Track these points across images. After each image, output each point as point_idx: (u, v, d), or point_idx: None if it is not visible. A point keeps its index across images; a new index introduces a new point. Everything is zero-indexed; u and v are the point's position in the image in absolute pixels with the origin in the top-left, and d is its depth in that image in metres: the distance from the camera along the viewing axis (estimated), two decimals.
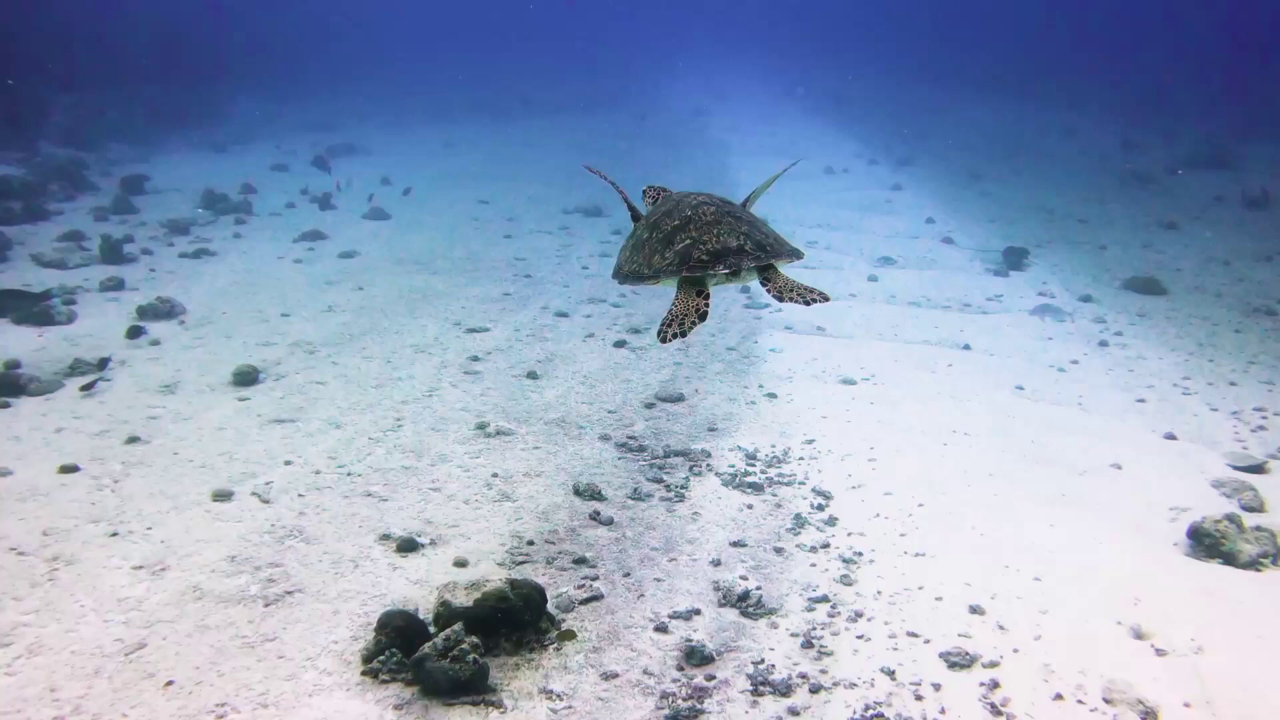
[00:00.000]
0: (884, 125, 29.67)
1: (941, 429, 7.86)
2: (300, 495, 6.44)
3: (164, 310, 10.25)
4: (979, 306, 11.80)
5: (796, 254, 4.22)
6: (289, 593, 5.38)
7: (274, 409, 7.87)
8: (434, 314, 10.64)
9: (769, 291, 4.09)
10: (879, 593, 5.49)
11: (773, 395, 8.50)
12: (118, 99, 27.50)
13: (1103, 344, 10.51)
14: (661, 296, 11.28)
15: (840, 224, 16.19)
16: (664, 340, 3.89)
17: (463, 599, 4.99)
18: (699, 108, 34.70)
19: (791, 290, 4.06)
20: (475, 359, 9.19)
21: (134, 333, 9.54)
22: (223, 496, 6.39)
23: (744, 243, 3.99)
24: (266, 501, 6.37)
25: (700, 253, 3.93)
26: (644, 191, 4.95)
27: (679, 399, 8.32)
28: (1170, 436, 7.99)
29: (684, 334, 3.88)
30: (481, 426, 7.60)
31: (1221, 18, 44.75)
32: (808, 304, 4.02)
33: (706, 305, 3.99)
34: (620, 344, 9.74)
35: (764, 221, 4.48)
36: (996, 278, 13.19)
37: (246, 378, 8.42)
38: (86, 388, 8.18)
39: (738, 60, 53.57)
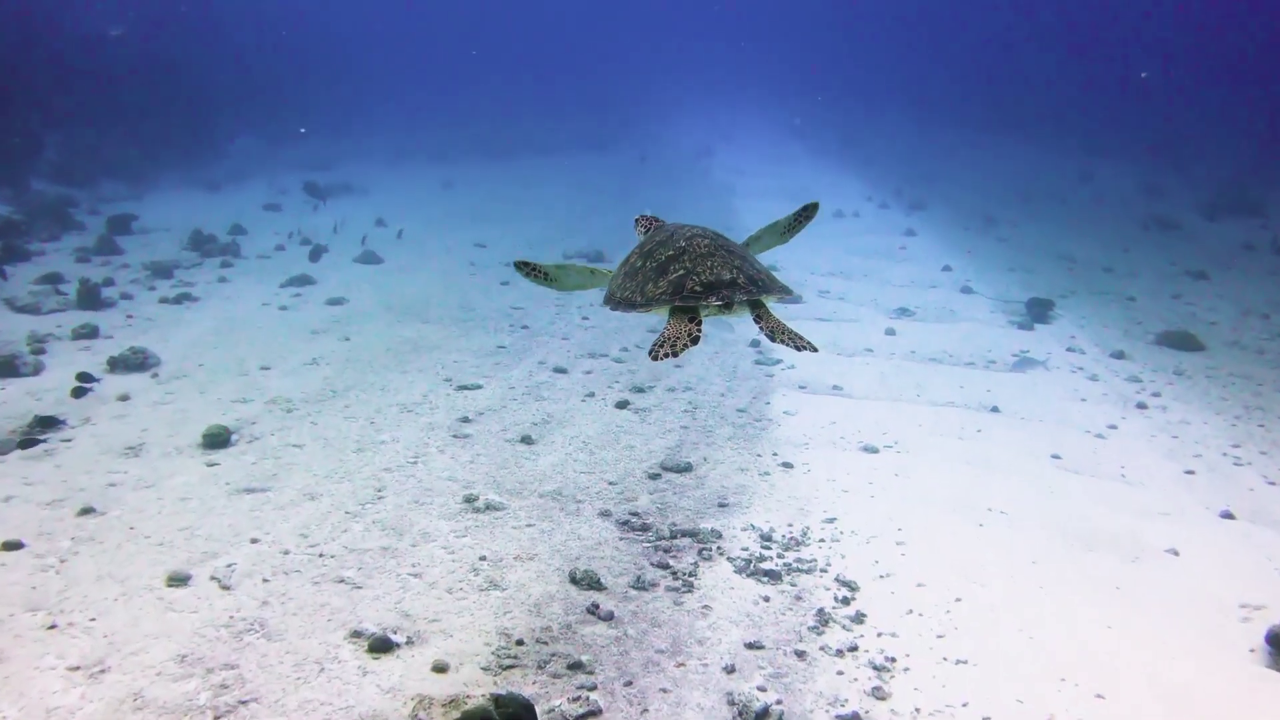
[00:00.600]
0: (894, 167, 29.14)
1: (976, 506, 7.14)
2: (265, 580, 5.73)
3: (136, 362, 9.57)
4: (1005, 363, 11.11)
5: (787, 291, 4.28)
6: (243, 702, 4.66)
7: (244, 476, 7.17)
8: (424, 368, 9.96)
9: (761, 329, 4.13)
10: (917, 710, 4.76)
11: (788, 465, 7.79)
12: (114, 135, 27.01)
13: (1141, 406, 9.80)
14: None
15: (853, 272, 15.55)
16: (655, 359, 3.95)
17: None
18: (703, 148, 34.22)
19: (783, 333, 4.09)
20: (466, 420, 8.50)
21: (79, 392, 8.86)
22: (179, 581, 5.68)
23: (737, 276, 4.05)
24: (227, 587, 5.66)
25: (694, 283, 4.02)
26: (636, 220, 5.06)
27: (686, 469, 7.62)
28: (1227, 515, 7.27)
29: (675, 354, 3.96)
30: (470, 500, 6.89)
31: (1241, 58, 44.39)
32: (798, 349, 4.04)
33: (699, 330, 4.02)
34: (622, 405, 9.05)
35: (756, 259, 4.55)
36: (1021, 331, 12.52)
37: (217, 440, 7.73)
38: (25, 444, 7.53)
39: (742, 100, 53.25)
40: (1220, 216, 21.71)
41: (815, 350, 4.13)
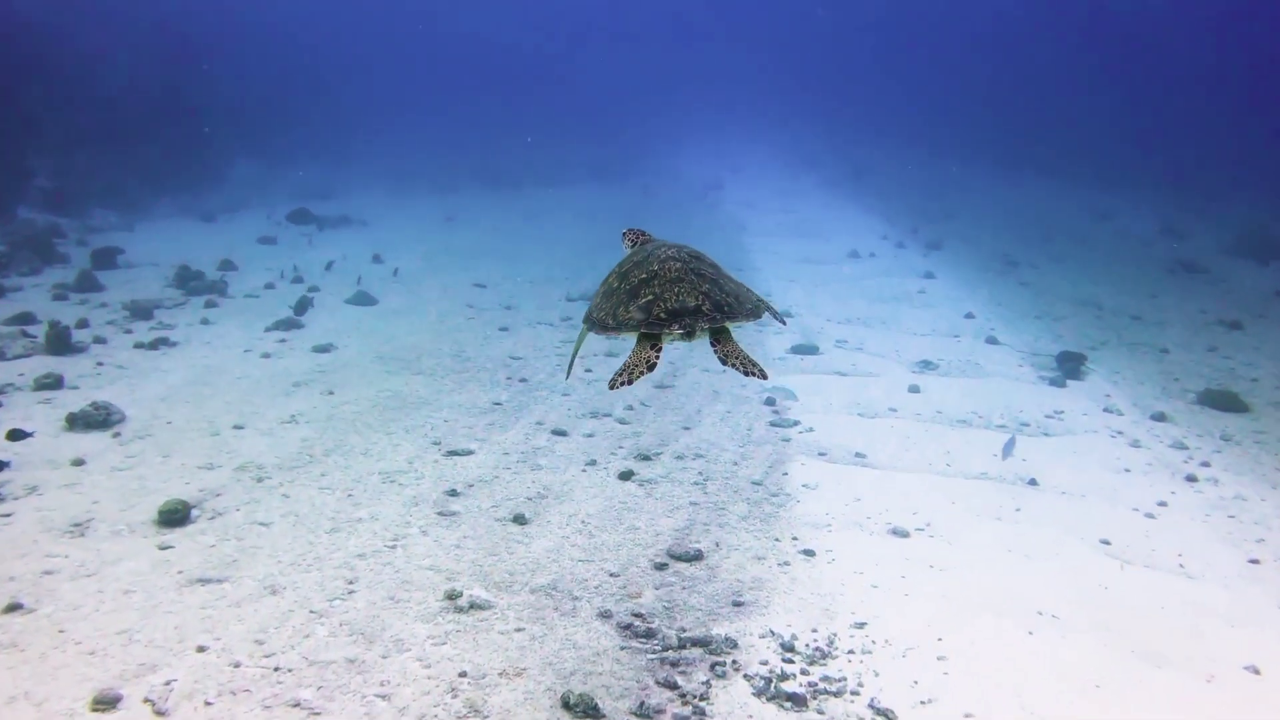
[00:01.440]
0: (908, 203, 28.42)
1: (1022, 607, 6.32)
2: (208, 703, 4.93)
3: (98, 419, 8.80)
4: (1039, 426, 10.30)
5: (755, 314, 4.38)
6: None
7: (200, 562, 6.37)
8: (412, 428, 9.17)
9: (715, 353, 4.26)
10: None
11: (809, 553, 6.97)
12: (109, 160, 26.38)
13: (1190, 479, 8.98)
14: (671, 409, 9.86)
15: (871, 319, 14.76)
16: (612, 388, 4.07)
17: None
18: (712, 180, 33.55)
19: (736, 358, 4.22)
20: (453, 493, 7.70)
21: (15, 435, 8.15)
22: (106, 703, 4.89)
23: (702, 303, 4.14)
24: (162, 713, 4.86)
25: (660, 310, 4.11)
26: (624, 234, 5.23)
27: (696, 557, 6.80)
28: None
29: (630, 383, 4.07)
30: (452, 596, 6.08)
31: (1258, 91, 43.73)
32: (746, 375, 4.16)
33: (657, 357, 4.14)
34: (626, 476, 8.24)
35: (730, 277, 4.59)
36: (1053, 388, 11.71)
37: (174, 517, 6.93)
38: None
39: (752, 130, 52.68)
40: (1245, 259, 20.92)
41: (765, 377, 4.22)
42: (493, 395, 10.34)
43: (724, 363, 4.25)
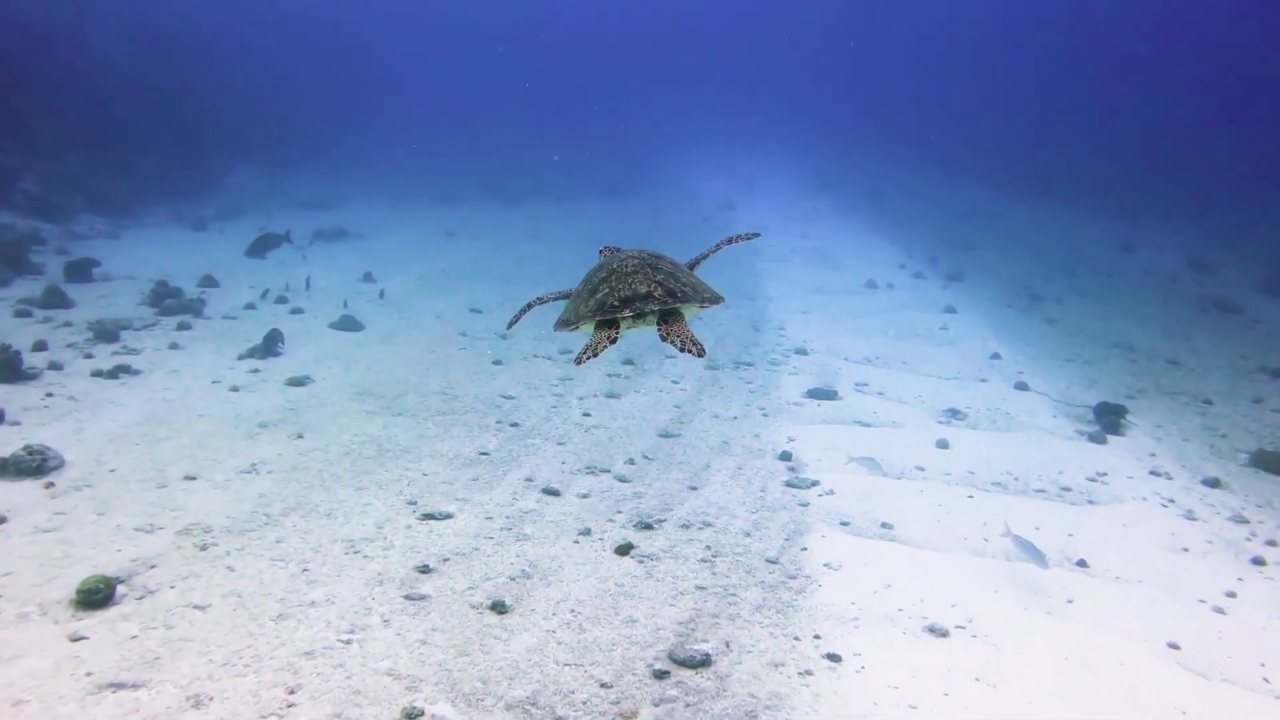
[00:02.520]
0: (925, 229, 27.47)
1: None
2: None
3: (30, 465, 7.82)
4: (1082, 491, 9.30)
5: (714, 301, 4.77)
6: None
7: (115, 661, 5.38)
8: (386, 483, 8.19)
9: (659, 333, 4.56)
10: None
11: (835, 657, 5.97)
12: (100, 164, 25.48)
13: (1257, 562, 7.98)
14: (677, 464, 8.88)
15: (891, 359, 13.77)
16: (579, 364, 4.52)
17: None
18: (724, 200, 32.60)
19: (677, 336, 4.49)
20: (425, 570, 6.70)
21: None
22: None
23: (653, 289, 4.51)
24: None
25: (613, 299, 4.50)
26: (600, 251, 5.46)
27: (703, 662, 5.80)
28: None
29: (596, 355, 4.46)
30: (412, 716, 5.09)
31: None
32: (681, 350, 4.42)
33: (617, 334, 4.53)
34: (625, 550, 7.24)
35: (690, 274, 4.95)
36: (1093, 445, 10.71)
37: (96, 596, 5.95)
38: None
39: (765, 148, 51.78)
40: (1278, 296, 19.96)
41: (703, 354, 4.42)
42: (480, 442, 9.35)
43: (664, 339, 4.51)
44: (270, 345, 11.77)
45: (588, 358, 4.47)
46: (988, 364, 13.85)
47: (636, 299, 4.48)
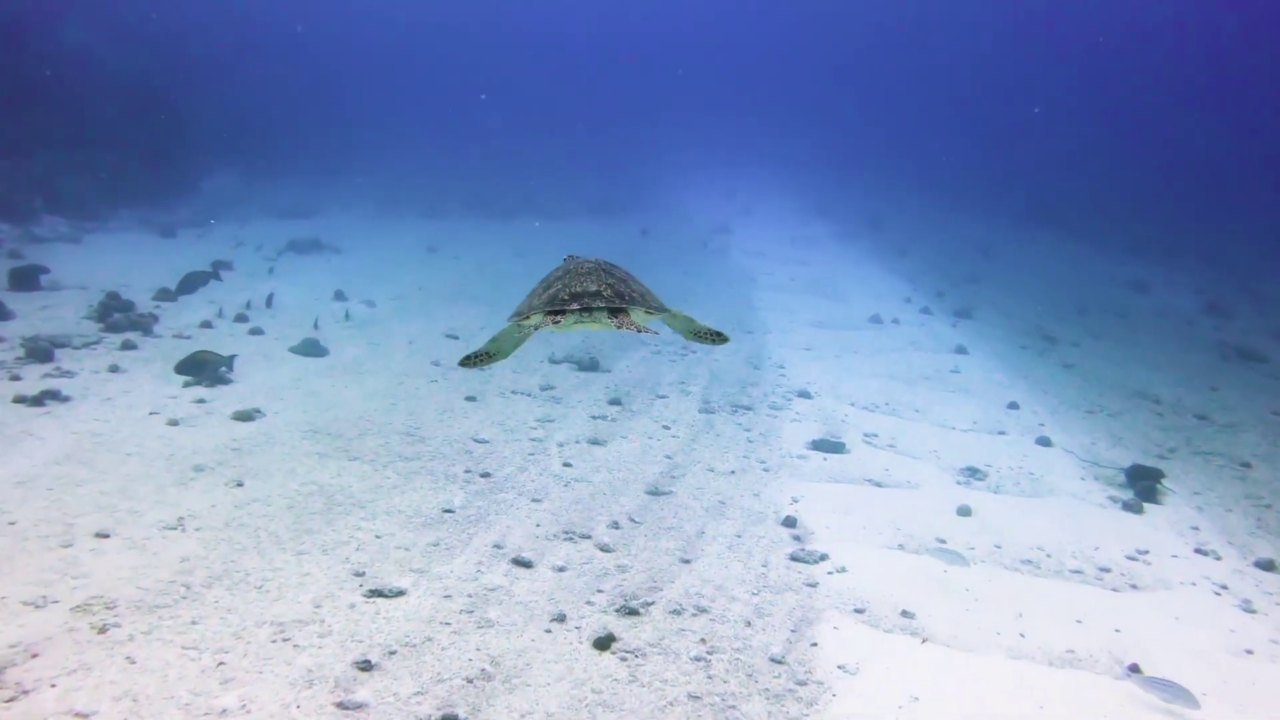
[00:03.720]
0: (930, 260, 26.51)
1: None
2: None
3: None
4: (1123, 572, 8.22)
5: (658, 310, 5.17)
6: None
7: None
8: (331, 546, 7.06)
9: (612, 323, 4.87)
10: None
11: None
12: (67, 163, 24.29)
13: None
14: (667, 529, 7.79)
15: (901, 406, 12.70)
16: (510, 319, 5.15)
17: None
18: (719, 223, 31.57)
19: (629, 324, 4.85)
20: (365, 667, 5.57)
21: None
22: None
23: (602, 289, 4.90)
24: None
25: (564, 294, 4.90)
26: (564, 259, 5.53)
27: None
28: None
29: (537, 329, 5.08)
30: None
31: None
32: (638, 331, 4.81)
33: (560, 319, 4.89)
34: (604, 644, 6.11)
35: (639, 283, 5.26)
36: (1129, 515, 9.65)
37: None
38: None
39: (761, 173, 50.85)
40: None
41: (656, 333, 5.10)
42: (445, 496, 8.23)
43: (618, 328, 4.82)
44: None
45: (532, 328, 5.10)
46: (1005, 414, 12.80)
47: (586, 295, 4.86)
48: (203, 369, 10.26)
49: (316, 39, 52.01)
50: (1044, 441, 11.67)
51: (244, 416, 9.58)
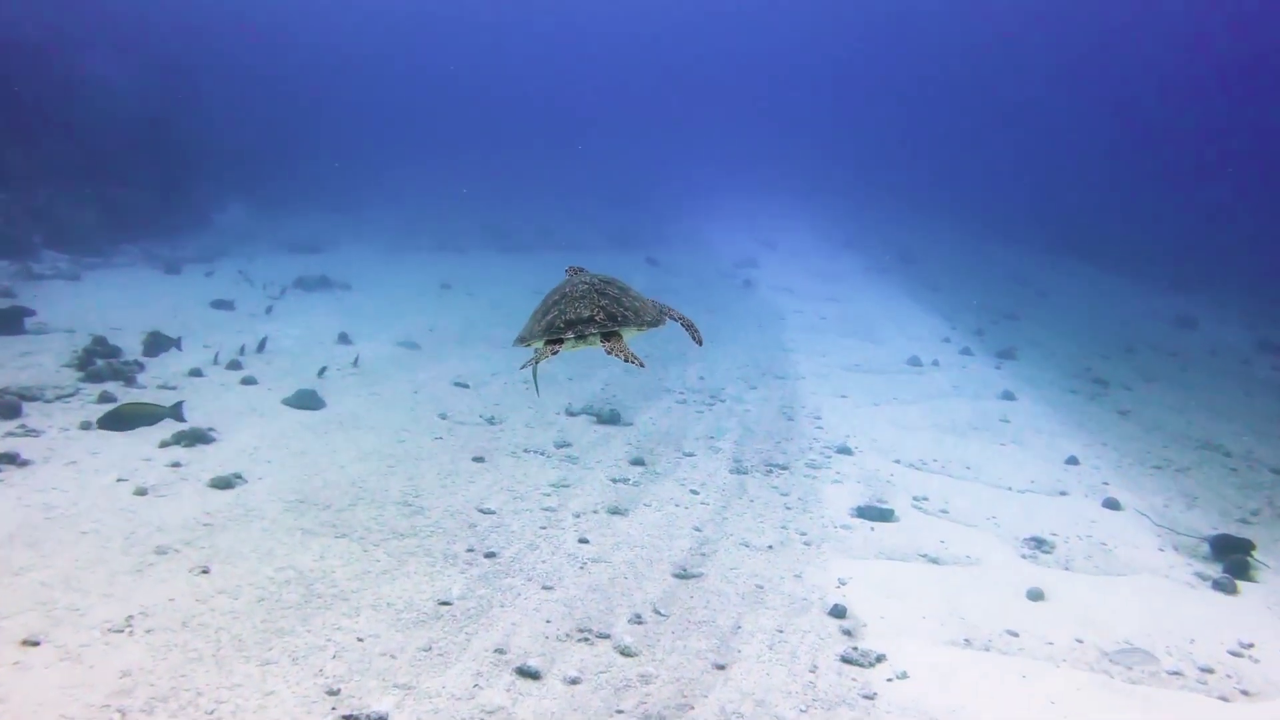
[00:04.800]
0: (963, 295, 25.38)
1: None
2: None
3: None
4: (1229, 672, 7.06)
5: (654, 324, 5.24)
6: None
7: None
8: (304, 654, 5.99)
9: (603, 348, 5.01)
10: None
11: None
12: (73, 197, 23.50)
13: None
14: (698, 623, 6.68)
15: (950, 461, 11.58)
16: (522, 368, 5.34)
17: None
18: (744, 256, 30.54)
19: (618, 352, 4.92)
20: None
21: None
22: None
23: (595, 313, 4.98)
24: None
25: (560, 321, 5.01)
26: (566, 270, 5.83)
27: None
28: None
29: (537, 363, 5.15)
30: None
31: None
32: (625, 361, 4.84)
33: (559, 349, 5.06)
34: None
35: (638, 297, 5.34)
36: (1221, 595, 8.49)
37: None
38: None
39: (787, 203, 49.87)
40: None
41: (642, 365, 4.89)
42: (442, 584, 7.16)
43: (609, 354, 4.97)
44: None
45: (532, 364, 5.17)
46: (1064, 470, 11.66)
47: (580, 322, 4.95)
48: (133, 422, 9.21)
49: (332, 70, 51.55)
50: (1112, 504, 10.51)
51: (222, 483, 8.55)
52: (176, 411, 9.46)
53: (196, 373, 12.21)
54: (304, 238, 26.70)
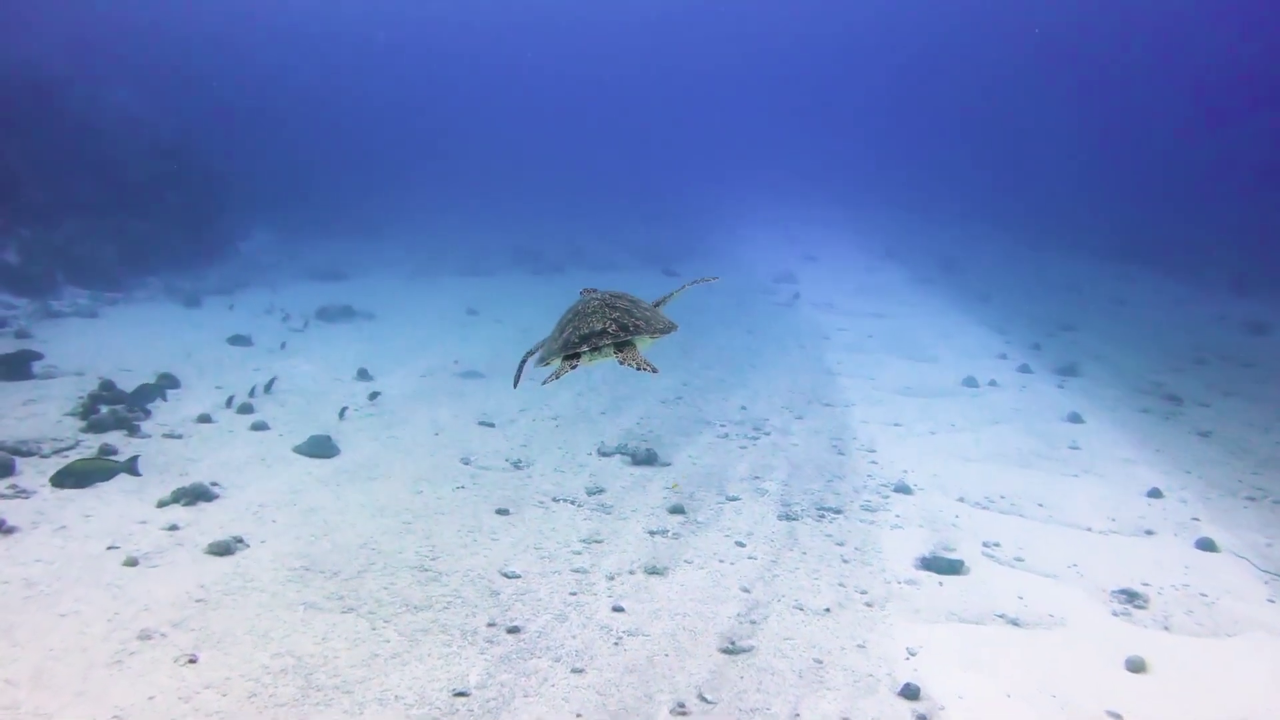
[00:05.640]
0: (1013, 305, 24.28)
1: None
2: None
3: None
4: None
5: (668, 330, 5.51)
6: None
7: None
8: None
9: (616, 359, 5.23)
10: None
11: None
12: (94, 232, 23.00)
13: None
14: (751, 712, 5.76)
15: (1019, 498, 10.58)
16: (545, 383, 5.33)
17: None
18: (782, 271, 29.57)
19: (631, 361, 5.17)
20: None
21: None
22: None
23: (608, 325, 5.22)
24: None
25: (574, 337, 5.23)
26: (581, 292, 5.82)
27: None
28: None
29: (558, 378, 5.24)
30: None
31: None
32: (638, 369, 5.09)
33: (577, 363, 5.27)
34: None
35: (647, 308, 5.59)
36: None
37: None
38: None
39: (824, 213, 48.86)
40: None
41: (655, 371, 5.05)
42: (459, 668, 6.30)
43: (621, 364, 5.17)
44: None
45: (551, 380, 5.25)
46: (1146, 504, 10.62)
47: (593, 335, 5.19)
48: (88, 479, 8.50)
49: (358, 93, 51.23)
50: (1206, 545, 9.47)
51: (220, 549, 7.76)
52: (130, 466, 8.81)
53: (205, 419, 11.46)
54: (328, 264, 26.10)
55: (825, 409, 13.75)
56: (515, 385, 6.08)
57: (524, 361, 5.82)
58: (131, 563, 7.49)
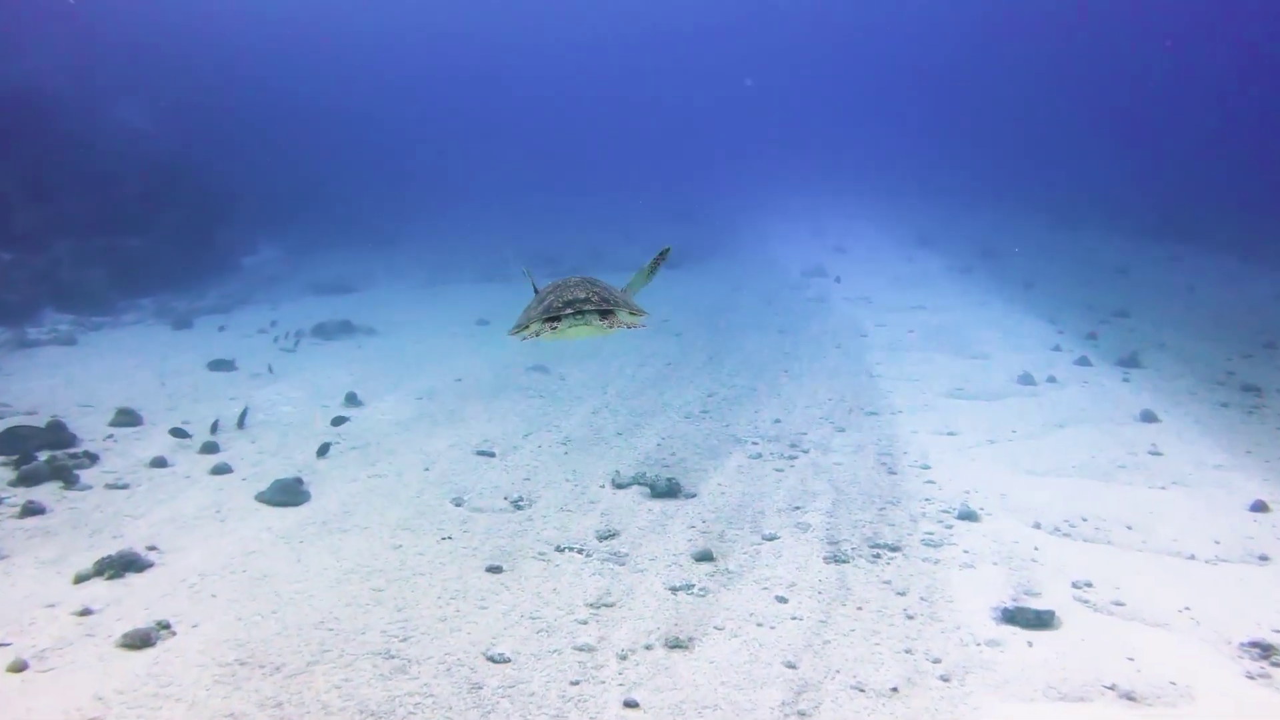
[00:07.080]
0: (1064, 292, 22.60)
1: None
2: None
3: None
4: None
5: (641, 312, 5.96)
6: None
7: None
8: None
9: (604, 322, 5.71)
10: None
11: None
12: (82, 253, 21.77)
13: None
14: None
15: (1105, 520, 8.98)
16: (514, 334, 5.86)
17: None
18: (812, 265, 27.96)
19: (619, 323, 5.73)
20: None
21: None
22: None
23: (590, 295, 5.72)
24: None
25: (557, 303, 5.69)
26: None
27: None
28: None
29: (537, 336, 5.76)
30: None
31: None
32: (628, 327, 5.73)
33: (557, 324, 5.70)
34: None
35: (622, 292, 6.18)
36: None
37: None
38: None
39: (852, 203, 47.17)
40: None
41: (644, 326, 5.90)
42: None
43: (610, 328, 5.71)
44: (122, 563, 7.25)
45: (527, 337, 5.71)
46: (1251, 521, 9.02)
47: (577, 301, 5.64)
48: None
49: (368, 100, 50.05)
50: None
51: (137, 641, 6.30)
52: None
53: (160, 462, 10.05)
54: (336, 278, 24.79)
55: (869, 418, 12.20)
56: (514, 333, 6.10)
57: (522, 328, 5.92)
58: (18, 668, 6.03)
